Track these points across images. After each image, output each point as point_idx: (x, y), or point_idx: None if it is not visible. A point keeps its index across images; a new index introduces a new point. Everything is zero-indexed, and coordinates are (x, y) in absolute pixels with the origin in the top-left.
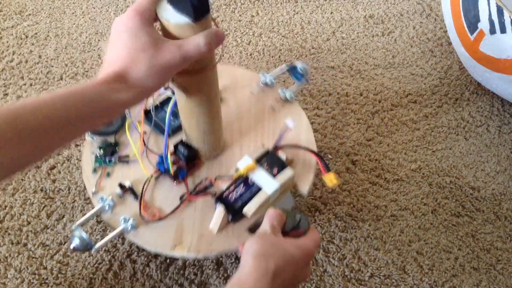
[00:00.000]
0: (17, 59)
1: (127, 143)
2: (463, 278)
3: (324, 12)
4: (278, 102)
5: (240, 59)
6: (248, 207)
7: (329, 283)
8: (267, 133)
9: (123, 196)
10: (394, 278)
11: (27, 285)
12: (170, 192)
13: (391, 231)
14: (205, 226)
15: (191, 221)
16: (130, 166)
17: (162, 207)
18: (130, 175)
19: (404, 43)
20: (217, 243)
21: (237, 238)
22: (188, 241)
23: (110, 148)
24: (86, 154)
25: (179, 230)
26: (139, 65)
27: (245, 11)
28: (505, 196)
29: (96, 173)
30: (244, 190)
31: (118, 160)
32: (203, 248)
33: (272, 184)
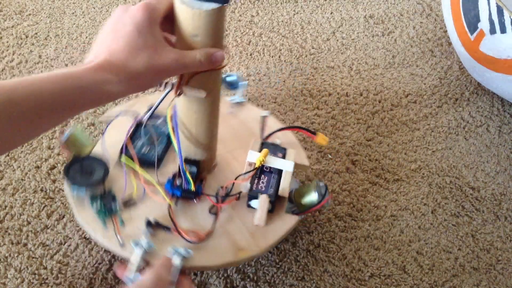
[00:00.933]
0: (17, 59)
1: (123, 186)
2: (463, 278)
3: (324, 12)
4: (233, 108)
5: (240, 59)
6: (282, 189)
7: (329, 283)
8: (244, 133)
9: (155, 232)
10: (394, 278)
11: (27, 285)
12: (195, 211)
13: (391, 231)
14: (249, 226)
15: (235, 226)
16: (137, 206)
17: (196, 227)
18: (144, 212)
19: (404, 43)
20: (270, 233)
21: (284, 221)
22: (245, 243)
23: (107, 198)
24: (83, 216)
25: (231, 238)
26: (138, 61)
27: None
28: (505, 196)
29: (107, 227)
30: (267, 178)
31: (123, 205)
32: (261, 244)
33: (288, 164)
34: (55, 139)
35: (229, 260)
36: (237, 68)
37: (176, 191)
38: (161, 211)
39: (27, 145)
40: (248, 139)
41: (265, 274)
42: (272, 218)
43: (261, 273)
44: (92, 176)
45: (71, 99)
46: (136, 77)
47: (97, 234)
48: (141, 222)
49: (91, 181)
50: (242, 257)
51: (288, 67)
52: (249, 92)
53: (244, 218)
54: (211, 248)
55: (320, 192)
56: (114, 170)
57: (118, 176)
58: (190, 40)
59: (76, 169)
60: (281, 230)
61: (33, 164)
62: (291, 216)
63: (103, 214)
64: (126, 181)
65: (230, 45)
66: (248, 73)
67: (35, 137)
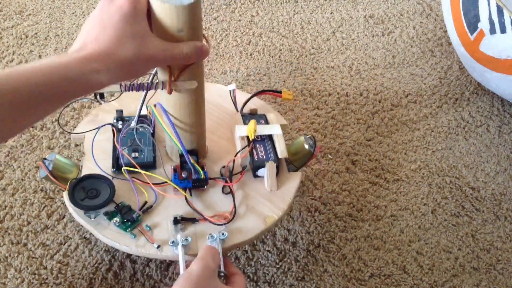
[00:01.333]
0: (17, 59)
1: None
2: (463, 278)
3: (324, 12)
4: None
5: (240, 59)
6: (280, 151)
7: (329, 283)
8: (217, 111)
9: (184, 227)
10: (394, 278)
11: (27, 285)
12: (209, 196)
13: (391, 231)
14: (263, 193)
15: (252, 198)
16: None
17: (218, 210)
18: (164, 213)
19: (404, 43)
20: (284, 194)
21: (291, 179)
22: (268, 210)
23: (123, 210)
24: (108, 235)
25: (253, 210)
26: (126, 49)
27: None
28: (505, 196)
29: (137, 237)
30: (263, 146)
31: (142, 213)
32: (281, 205)
33: (275, 127)
34: (55, 139)
35: (262, 229)
36: (237, 68)
37: (186, 184)
38: (180, 206)
39: (27, 145)
40: (223, 116)
41: (265, 274)
42: (280, 180)
43: (261, 273)
44: (100, 195)
45: (60, 90)
46: (125, 65)
47: (131, 247)
48: (166, 223)
49: (102, 201)
50: (271, 222)
51: (288, 67)
52: (249, 92)
53: (256, 188)
54: (241, 225)
55: (310, 144)
56: (115, 183)
57: (122, 188)
58: (175, 36)
59: (80, 195)
60: (292, 187)
61: (33, 164)
62: (295, 173)
63: (128, 227)
64: (135, 189)
65: (230, 45)
66: (248, 73)
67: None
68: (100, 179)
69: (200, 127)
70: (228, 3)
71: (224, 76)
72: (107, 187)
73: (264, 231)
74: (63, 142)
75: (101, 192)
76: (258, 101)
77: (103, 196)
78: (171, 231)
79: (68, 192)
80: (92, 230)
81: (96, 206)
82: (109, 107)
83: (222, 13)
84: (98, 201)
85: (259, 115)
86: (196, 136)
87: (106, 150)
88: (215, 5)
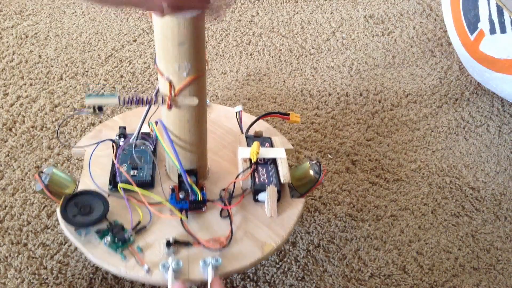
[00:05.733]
0: (17, 59)
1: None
2: (463, 278)
3: (324, 12)
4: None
5: (240, 59)
6: (282, 176)
7: (329, 283)
8: (221, 132)
9: (177, 250)
10: (394, 278)
11: (27, 285)
12: (206, 219)
13: (391, 231)
14: (263, 219)
15: (250, 223)
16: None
17: (213, 235)
18: (158, 234)
19: (404, 43)
20: (285, 221)
21: (292, 205)
22: (266, 237)
23: (115, 230)
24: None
25: (251, 236)
26: None
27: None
28: (505, 196)
29: (127, 259)
30: (265, 170)
31: (135, 233)
32: (281, 232)
33: (279, 151)
34: (55, 139)
35: (258, 257)
36: (237, 68)
37: (183, 205)
38: (174, 228)
39: (27, 145)
40: (227, 137)
41: (265, 274)
42: (281, 206)
43: (261, 273)
44: (93, 212)
45: None
46: None
47: (120, 268)
48: (159, 245)
49: (94, 218)
50: (268, 250)
51: (288, 67)
52: (249, 92)
53: (256, 213)
54: (237, 251)
55: (315, 170)
56: (110, 200)
57: (117, 206)
58: (176, 49)
59: (73, 211)
60: (293, 215)
61: (33, 164)
62: (297, 200)
63: (118, 247)
64: (129, 208)
65: (230, 45)
66: (248, 73)
67: None
68: (95, 196)
69: (200, 146)
70: None
71: (224, 76)
72: (101, 204)
73: (261, 259)
74: (63, 142)
75: (95, 209)
76: (264, 124)
77: (96, 213)
78: (163, 254)
79: (60, 207)
80: (81, 248)
81: (87, 223)
82: (113, 124)
83: None
84: (90, 218)
85: (264, 138)
86: (196, 156)
87: (105, 167)
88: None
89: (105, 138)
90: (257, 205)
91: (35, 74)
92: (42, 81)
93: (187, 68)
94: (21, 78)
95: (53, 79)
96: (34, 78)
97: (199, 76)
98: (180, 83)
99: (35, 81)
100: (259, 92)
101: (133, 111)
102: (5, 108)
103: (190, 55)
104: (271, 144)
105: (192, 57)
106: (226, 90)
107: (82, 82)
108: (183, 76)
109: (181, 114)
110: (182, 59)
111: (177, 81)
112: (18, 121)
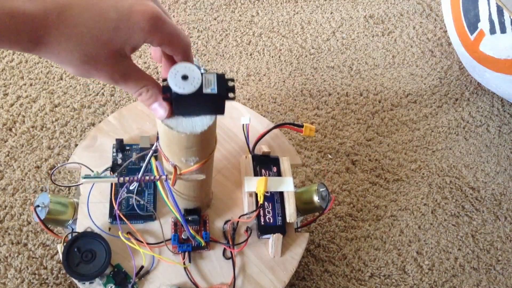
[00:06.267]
0: (17, 59)
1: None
2: (463, 278)
3: (324, 12)
4: None
5: (240, 59)
6: (289, 216)
7: (329, 283)
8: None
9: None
10: (394, 278)
11: (27, 285)
12: (209, 260)
13: (391, 231)
14: (266, 260)
15: (253, 266)
16: (150, 274)
17: (217, 279)
18: (161, 279)
19: (404, 43)
20: (287, 262)
21: (296, 242)
22: (269, 283)
23: (118, 277)
24: None
25: (253, 282)
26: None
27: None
28: (505, 196)
29: None
30: (271, 205)
31: (138, 279)
32: (283, 276)
33: (287, 182)
34: (55, 139)
35: None
36: (237, 68)
37: (186, 248)
38: (178, 271)
39: (27, 145)
40: (234, 152)
41: None
42: (286, 242)
43: None
44: (95, 258)
45: None
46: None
47: None
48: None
49: (98, 268)
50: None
51: (288, 67)
52: (249, 92)
53: (259, 252)
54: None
55: (322, 197)
56: (111, 239)
57: (118, 245)
58: (184, 150)
59: (76, 259)
60: (296, 254)
61: (33, 164)
62: (302, 235)
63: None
64: (132, 254)
65: (230, 45)
66: (248, 73)
67: None
68: (96, 239)
69: (205, 195)
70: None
71: None
72: (103, 248)
73: None
74: (63, 142)
75: (97, 254)
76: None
77: (99, 260)
78: None
79: (62, 256)
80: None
81: (91, 275)
82: (108, 127)
83: (222, 13)
84: (94, 268)
85: (271, 159)
86: (199, 201)
87: (104, 191)
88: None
89: (101, 148)
90: (261, 242)
91: (35, 74)
92: (42, 81)
93: (194, 161)
94: (21, 78)
95: (53, 79)
96: (34, 78)
97: (207, 160)
98: (187, 168)
99: (35, 81)
100: (259, 92)
101: (127, 108)
102: (5, 108)
103: (199, 153)
104: (279, 168)
105: (200, 154)
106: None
107: (82, 82)
108: (190, 165)
109: (186, 181)
110: (189, 155)
111: (183, 167)
112: (18, 121)
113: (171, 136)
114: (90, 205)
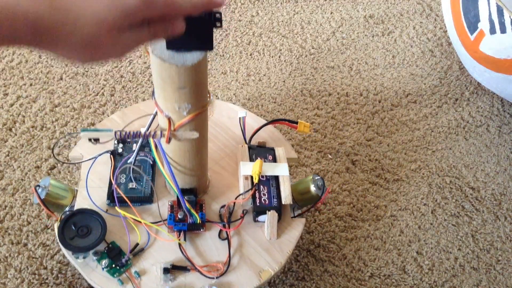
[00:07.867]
0: (17, 59)
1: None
2: (463, 278)
3: (324, 12)
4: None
5: (240, 59)
6: (284, 197)
7: (329, 283)
8: (224, 137)
9: (174, 276)
10: (394, 278)
11: (27, 285)
12: (205, 240)
13: (391, 231)
14: (262, 242)
15: (249, 247)
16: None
17: (211, 257)
18: (156, 257)
19: (404, 43)
20: (284, 244)
21: (292, 226)
22: (264, 262)
23: (113, 253)
24: (95, 279)
25: (249, 262)
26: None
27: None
28: (505, 196)
29: (124, 284)
30: (267, 188)
31: (132, 256)
32: (279, 258)
33: (282, 167)
34: (55, 139)
35: (256, 285)
36: (237, 68)
37: (181, 227)
38: (172, 250)
39: (27, 145)
40: (230, 144)
41: None
42: (282, 227)
43: None
44: (91, 233)
45: None
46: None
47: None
48: (156, 270)
49: (93, 242)
50: (266, 277)
51: (288, 67)
52: (249, 92)
53: (255, 234)
54: (234, 278)
55: (317, 186)
56: (108, 218)
57: (115, 224)
58: (177, 93)
59: (71, 233)
60: (293, 237)
61: (33, 164)
62: (298, 220)
63: (116, 271)
64: (127, 230)
65: (230, 45)
66: (248, 73)
67: None
68: (92, 215)
69: (201, 169)
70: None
71: (224, 76)
72: (99, 224)
73: (257, 287)
74: (63, 142)
75: (92, 230)
76: (268, 127)
77: (94, 235)
78: (160, 280)
79: (58, 230)
80: (80, 270)
81: (85, 248)
82: (111, 123)
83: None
84: (88, 241)
85: (267, 149)
86: (196, 177)
87: (103, 177)
88: None
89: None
90: (257, 225)
91: (35, 74)
92: (42, 81)
93: (187, 108)
94: (21, 78)
95: (53, 79)
96: (34, 78)
97: (200, 112)
98: (180, 120)
99: (35, 81)
100: (259, 92)
101: (131, 108)
102: (5, 108)
103: (191, 97)
104: (274, 156)
105: (193, 98)
106: (226, 90)
107: (82, 82)
108: (183, 115)
109: (181, 144)
110: (182, 100)
111: (176, 118)
112: (18, 121)
113: (164, 73)
114: (89, 190)
